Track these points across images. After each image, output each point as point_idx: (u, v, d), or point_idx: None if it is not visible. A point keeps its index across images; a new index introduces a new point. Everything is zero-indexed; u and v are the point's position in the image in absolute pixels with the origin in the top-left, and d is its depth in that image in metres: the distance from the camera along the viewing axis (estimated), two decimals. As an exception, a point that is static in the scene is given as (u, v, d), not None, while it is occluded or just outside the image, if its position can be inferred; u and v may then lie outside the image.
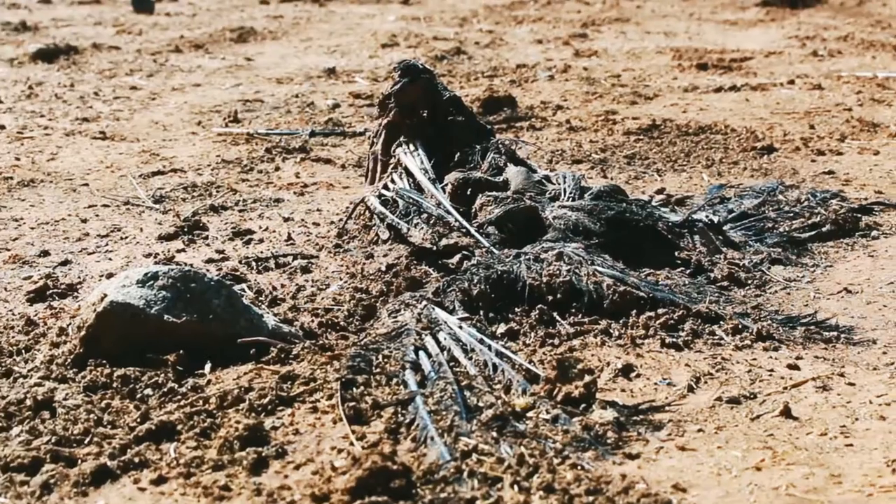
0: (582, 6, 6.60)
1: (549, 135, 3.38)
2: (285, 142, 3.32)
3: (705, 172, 2.94)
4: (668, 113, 3.64)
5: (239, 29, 5.48)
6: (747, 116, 3.58)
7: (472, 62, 4.61)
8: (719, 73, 4.33)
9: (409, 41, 5.13)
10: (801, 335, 1.84)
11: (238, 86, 4.24)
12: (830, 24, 5.64)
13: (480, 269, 2.00)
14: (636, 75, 4.31)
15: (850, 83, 4.08)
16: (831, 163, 3.01)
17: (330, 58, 4.78)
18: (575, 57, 4.73)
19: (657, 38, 5.26)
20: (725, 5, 6.58)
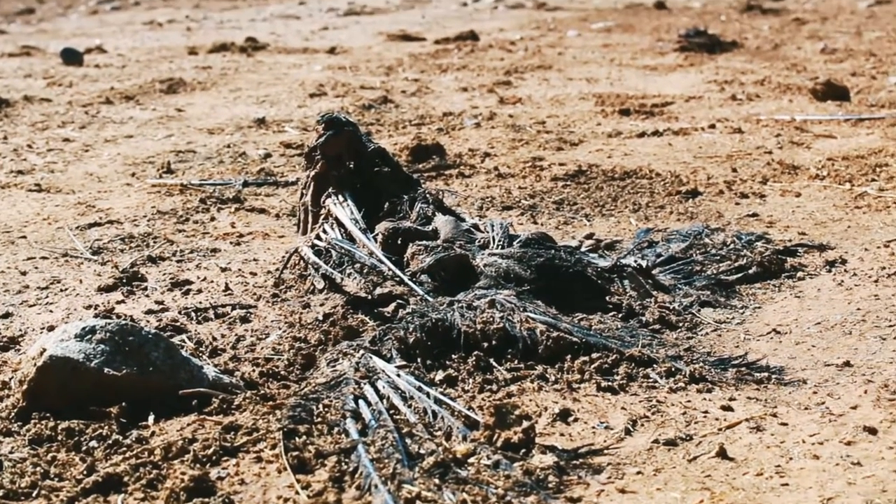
0: (505, 54, 6.68)
1: (478, 182, 3.42)
2: (219, 192, 3.34)
3: (633, 217, 2.99)
4: (593, 158, 3.69)
5: (168, 80, 5.48)
6: (671, 161, 3.65)
7: (400, 111, 4.65)
8: (642, 119, 4.41)
9: (336, 90, 5.17)
10: (734, 376, 1.88)
11: (170, 136, 4.25)
12: (747, 69, 5.75)
13: (415, 317, 2.03)
14: (561, 121, 4.37)
15: (769, 126, 4.17)
16: (755, 205, 3.08)
17: (259, 108, 4.81)
18: (500, 104, 4.79)
19: (580, 85, 5.34)
20: (645, 51, 6.69)
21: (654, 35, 7.71)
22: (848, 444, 1.61)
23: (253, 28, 9.41)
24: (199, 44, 7.58)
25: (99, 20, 11.15)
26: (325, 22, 9.91)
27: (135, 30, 9.56)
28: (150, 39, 8.34)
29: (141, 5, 13.77)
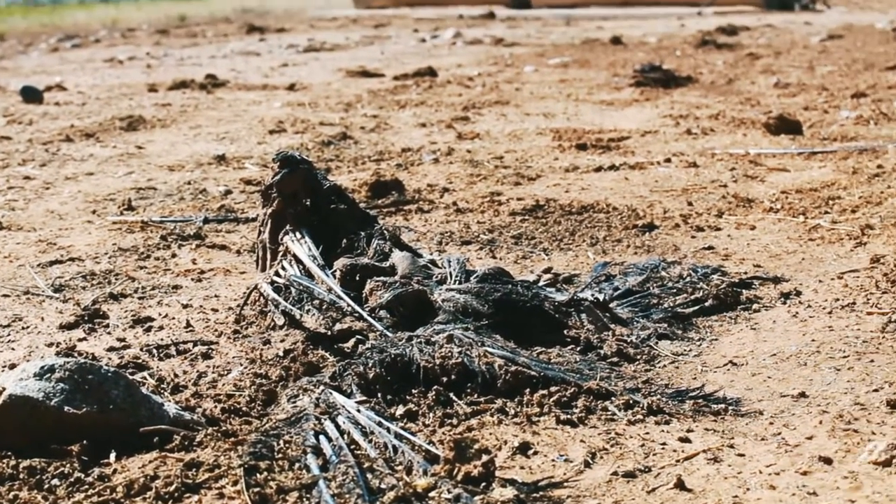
0: (463, 89, 6.72)
1: (437, 217, 3.44)
2: (180, 229, 3.35)
3: (590, 251, 3.02)
4: (551, 193, 3.73)
5: (128, 117, 5.49)
6: (628, 195, 3.68)
7: (359, 147, 4.67)
8: (598, 153, 4.45)
9: (295, 127, 5.19)
10: (691, 408, 1.90)
11: (130, 174, 4.25)
12: (702, 103, 5.82)
13: (375, 352, 2.05)
14: (518, 156, 4.40)
15: (724, 160, 4.22)
16: (710, 238, 3.12)
17: (220, 144, 4.82)
18: (458, 139, 4.83)
19: (537, 120, 5.39)
20: (601, 86, 6.75)
21: (611, 70, 7.78)
22: (804, 474, 1.64)
23: (213, 65, 9.44)
24: (160, 81, 7.59)
25: (59, 58, 11.15)
26: (285, 59, 9.94)
27: (95, 67, 9.57)
28: (111, 77, 8.35)
29: (101, 43, 13.77)
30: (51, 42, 13.75)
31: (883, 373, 2.03)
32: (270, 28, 15.81)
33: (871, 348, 2.16)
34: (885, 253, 2.82)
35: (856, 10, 16.95)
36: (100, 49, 12.57)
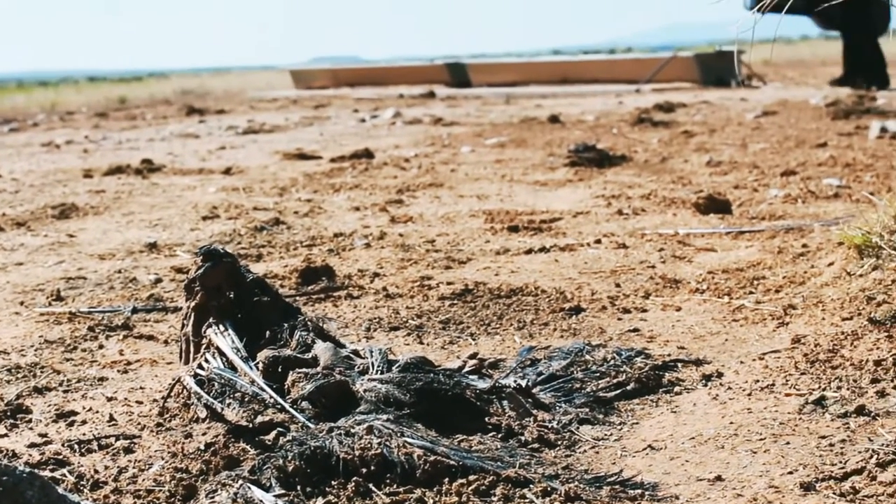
0: (399, 171, 6.77)
1: (366, 303, 3.46)
2: (108, 319, 3.34)
3: (517, 335, 3.04)
4: (481, 276, 3.75)
5: (61, 205, 5.48)
6: (557, 277, 3.72)
7: (291, 232, 4.69)
8: (530, 235, 4.49)
9: (229, 212, 5.20)
10: (608, 494, 1.92)
11: (61, 263, 4.25)
12: (635, 182, 5.88)
13: (295, 445, 2.05)
14: (450, 240, 4.44)
15: (653, 240, 4.27)
16: (636, 320, 3.15)
17: (152, 231, 4.83)
18: (391, 223, 4.86)
19: (470, 202, 5.43)
20: (536, 166, 6.81)
21: (547, 150, 7.86)
22: (715, 559, 1.66)
23: (151, 148, 9.45)
24: (96, 166, 7.59)
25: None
26: (223, 141, 9.97)
27: (32, 152, 9.55)
28: (47, 162, 8.33)
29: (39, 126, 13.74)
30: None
31: (798, 455, 2.05)
32: (210, 110, 15.85)
33: (787, 430, 2.19)
34: (805, 333, 2.86)
35: (791, 86, 17.21)
36: (38, 133, 12.55)
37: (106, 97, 21.92)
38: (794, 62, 29.16)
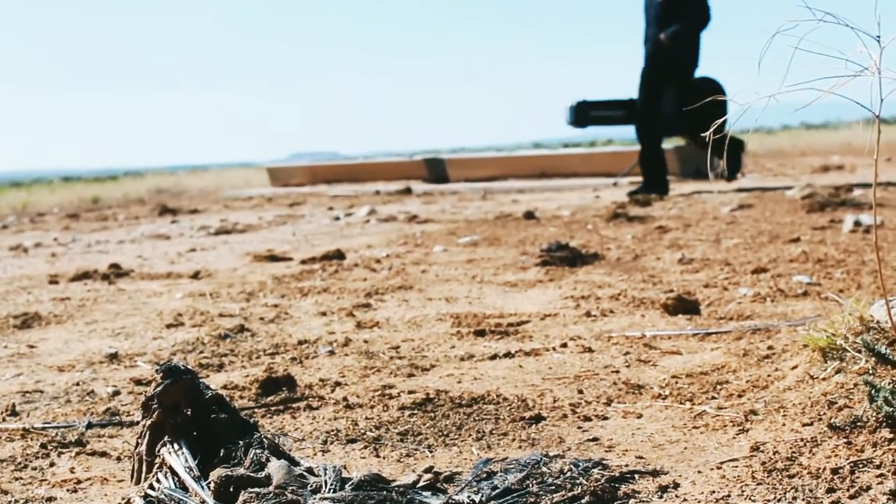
0: (369, 273, 6.74)
1: (325, 414, 3.41)
2: (62, 435, 3.28)
3: (475, 446, 2.99)
4: (443, 384, 3.71)
5: (24, 314, 5.43)
6: (520, 384, 3.68)
7: (256, 339, 4.65)
8: (496, 339, 4.45)
9: (194, 320, 5.16)
10: None
11: (18, 375, 4.19)
12: (605, 282, 5.86)
13: (237, 572, 2.00)
14: (415, 345, 4.40)
15: (619, 343, 4.24)
16: (597, 429, 3.11)
17: (114, 341, 4.78)
18: (357, 329, 4.82)
19: (439, 305, 5.40)
20: (508, 266, 6.80)
21: (520, 248, 7.85)
22: None
23: (120, 251, 9.42)
24: (63, 271, 7.56)
25: (-35, 247, 11.08)
26: (195, 242, 9.96)
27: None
28: (13, 267, 8.30)
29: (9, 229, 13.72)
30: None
31: (752, 575, 2.01)
32: (183, 209, 15.86)
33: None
34: (765, 440, 2.82)
35: (769, 178, 17.33)
36: (6, 236, 12.53)
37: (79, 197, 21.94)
38: (775, 152, 29.44)
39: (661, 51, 13.14)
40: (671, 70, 13.26)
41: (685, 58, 13.28)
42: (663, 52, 13.13)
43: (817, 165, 20.11)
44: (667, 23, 13.06)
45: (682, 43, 13.10)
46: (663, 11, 13.09)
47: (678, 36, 13.03)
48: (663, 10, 13.09)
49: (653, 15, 13.26)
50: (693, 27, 13.13)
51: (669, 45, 13.03)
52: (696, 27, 13.17)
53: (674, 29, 13.01)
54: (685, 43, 13.13)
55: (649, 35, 13.35)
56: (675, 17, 13.04)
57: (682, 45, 13.13)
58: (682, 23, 13.02)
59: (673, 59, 13.18)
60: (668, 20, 13.06)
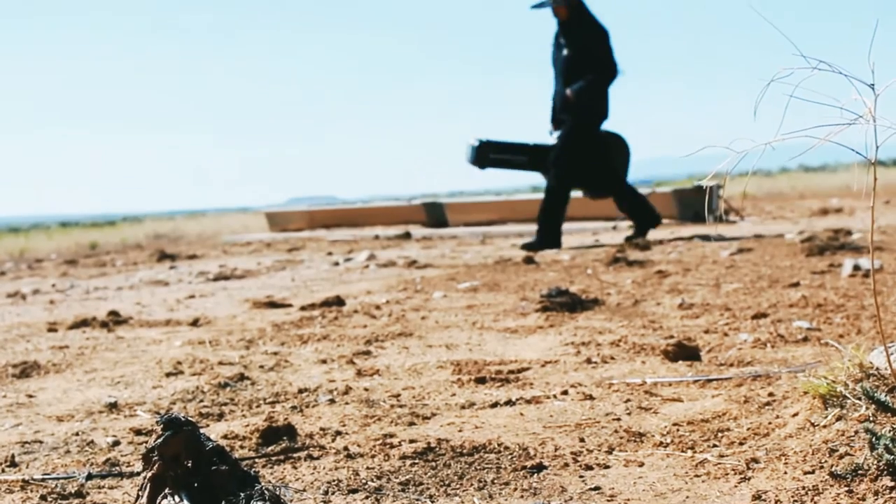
0: (368, 320, 6.74)
1: (326, 464, 3.40)
2: (62, 486, 3.26)
3: (477, 496, 2.98)
4: (444, 433, 3.70)
5: (23, 363, 5.42)
6: (521, 432, 3.67)
7: (256, 388, 4.64)
8: (497, 386, 4.44)
9: (193, 368, 5.15)
10: None
11: (17, 426, 4.18)
12: (606, 328, 5.86)
13: None
14: (416, 393, 4.39)
15: (620, 391, 4.23)
16: (598, 478, 3.09)
17: (113, 390, 4.76)
18: (357, 377, 4.81)
19: (439, 352, 5.39)
20: (508, 312, 6.79)
21: (520, 293, 7.85)
22: None
23: (119, 298, 9.42)
24: (61, 319, 7.55)
25: (-37, 294, 11.08)
26: (193, 289, 9.96)
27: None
28: (11, 315, 8.29)
29: (7, 275, 13.74)
30: (-44, 276, 13.69)
31: None
32: (182, 255, 15.88)
33: None
34: (766, 489, 2.82)
35: (768, 221, 17.38)
36: (4, 282, 12.53)
37: (77, 243, 21.96)
38: (774, 195, 29.52)
39: (569, 106, 13.00)
40: (579, 124, 13.06)
41: (592, 112, 13.10)
42: (570, 107, 12.99)
43: (816, 208, 20.17)
44: (573, 77, 12.94)
45: (589, 97, 12.94)
46: (569, 66, 12.97)
47: (584, 91, 12.88)
48: (569, 64, 12.97)
49: (560, 69, 13.12)
50: (599, 82, 12.97)
51: (576, 100, 12.88)
52: (603, 81, 13.00)
53: (580, 84, 12.86)
54: (592, 97, 12.97)
55: (557, 90, 13.21)
56: (581, 72, 12.91)
57: (589, 100, 12.96)
58: (588, 77, 12.88)
59: (580, 113, 13.01)
60: (575, 75, 12.93)
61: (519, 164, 13.82)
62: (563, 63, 13.01)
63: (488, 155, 13.79)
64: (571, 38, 12.97)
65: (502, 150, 13.85)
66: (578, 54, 12.94)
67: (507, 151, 13.84)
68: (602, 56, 12.95)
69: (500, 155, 13.82)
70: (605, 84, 13.01)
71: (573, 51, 12.96)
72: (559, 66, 13.12)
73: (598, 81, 12.93)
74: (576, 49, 12.95)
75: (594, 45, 12.94)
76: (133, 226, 29.40)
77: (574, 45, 12.96)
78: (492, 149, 13.82)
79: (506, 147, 13.85)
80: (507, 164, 13.84)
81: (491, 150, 13.82)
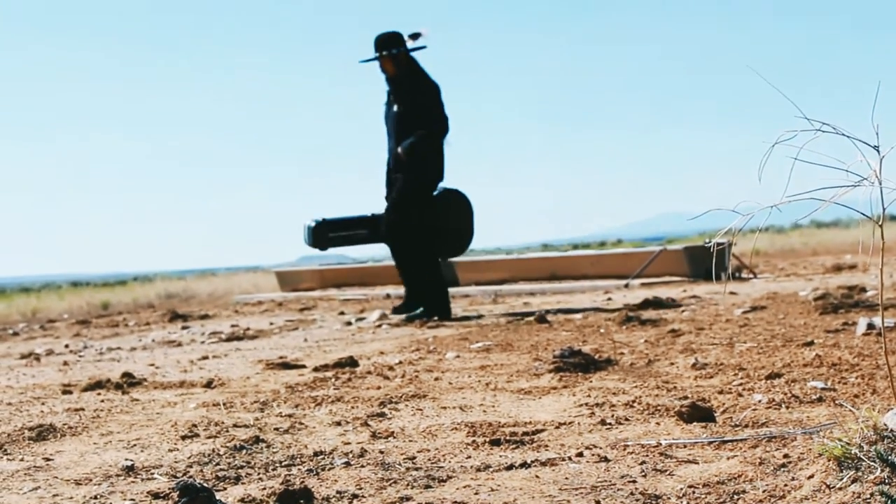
0: (382, 381, 6.74)
1: (343, 528, 3.40)
2: (78, 551, 3.28)
3: (495, 561, 2.99)
4: (460, 496, 3.70)
5: (38, 426, 5.42)
6: (536, 495, 3.67)
7: (271, 450, 4.64)
8: (512, 448, 4.44)
9: (208, 431, 5.15)
10: None
11: (36, 489, 4.18)
12: (619, 388, 5.86)
13: None
14: (431, 456, 4.39)
15: (635, 452, 4.23)
16: (616, 543, 3.10)
17: (130, 452, 4.77)
18: (372, 439, 4.81)
19: (453, 414, 5.39)
20: (521, 372, 6.80)
21: (533, 353, 7.86)
22: None
23: (133, 358, 9.44)
24: (75, 381, 7.57)
25: (-25, 354, 11.12)
26: (206, 350, 9.98)
27: (10, 365, 9.54)
28: (26, 377, 8.31)
29: (19, 336, 13.77)
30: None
31: None
32: (194, 315, 15.91)
33: None
34: (784, 555, 2.82)
35: (781, 278, 17.38)
36: (17, 343, 12.56)
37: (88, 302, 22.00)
38: (786, 251, 29.51)
39: (401, 164, 12.43)
40: (411, 183, 12.46)
41: (426, 170, 12.49)
42: (402, 166, 12.42)
43: (829, 265, 20.16)
44: (405, 134, 12.35)
45: (421, 155, 12.35)
46: (400, 122, 12.42)
47: (416, 148, 12.28)
48: (400, 121, 12.42)
49: (391, 127, 12.56)
50: (431, 138, 12.37)
51: (407, 158, 12.29)
52: (435, 138, 12.39)
53: (411, 141, 12.26)
54: (424, 154, 12.38)
55: (390, 147, 12.62)
56: (412, 128, 12.33)
57: (422, 158, 12.38)
58: (418, 133, 12.30)
59: (412, 172, 12.42)
60: (406, 131, 12.35)
61: (361, 238, 13.22)
62: (394, 120, 12.50)
63: (327, 234, 13.08)
64: (402, 94, 12.50)
65: (341, 226, 13.16)
66: (409, 110, 12.42)
67: (346, 227, 13.16)
68: (433, 111, 12.40)
69: (339, 232, 13.12)
70: (438, 139, 12.43)
71: (404, 107, 12.45)
72: (390, 123, 12.59)
73: (430, 137, 12.37)
74: (406, 105, 12.44)
75: (425, 100, 12.44)
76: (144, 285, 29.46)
77: (404, 100, 12.47)
78: (329, 227, 13.11)
79: (344, 223, 13.16)
80: (350, 241, 13.24)
81: (329, 229, 13.11)
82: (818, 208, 2.85)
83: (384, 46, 12.52)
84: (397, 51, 12.52)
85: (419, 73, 12.57)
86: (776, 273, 19.18)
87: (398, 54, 12.52)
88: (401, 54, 12.53)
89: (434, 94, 12.47)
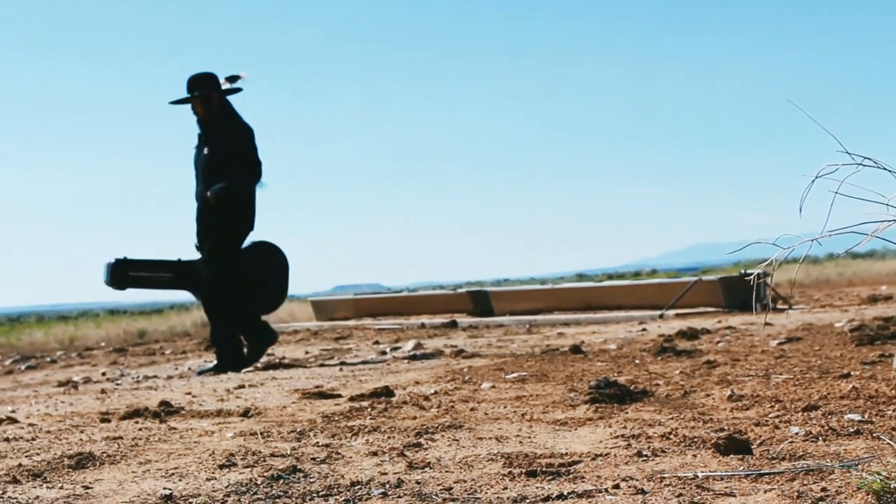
0: (418, 411, 6.76)
1: (380, 559, 3.42)
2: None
3: None
4: (497, 528, 3.72)
5: (78, 454, 5.47)
6: (574, 528, 3.68)
7: (308, 480, 4.66)
8: (548, 480, 4.45)
9: (246, 460, 5.17)
10: None
11: (74, 517, 4.22)
12: (655, 420, 5.85)
13: None
14: (467, 487, 4.40)
15: (672, 485, 4.22)
16: (654, 576, 3.10)
17: (168, 481, 4.80)
18: (409, 469, 4.82)
19: (489, 444, 5.40)
20: (556, 403, 6.80)
21: (568, 384, 7.86)
22: None
23: (169, 387, 9.49)
24: (113, 409, 7.62)
25: (13, 380, 11.23)
26: (242, 378, 10.03)
27: (49, 393, 9.61)
28: (64, 405, 8.37)
29: (57, 364, 13.87)
30: (6, 363, 13.85)
31: None
32: (231, 344, 15.92)
33: None
34: (825, 590, 2.81)
35: (816, 309, 17.31)
36: (55, 370, 12.65)
37: (125, 331, 22.14)
38: (822, 282, 29.40)
39: (210, 210, 11.69)
40: (221, 237, 11.78)
41: (235, 217, 11.71)
42: (212, 212, 11.69)
43: (865, 296, 20.08)
44: (215, 178, 11.58)
45: (231, 200, 11.60)
46: (210, 166, 11.68)
47: (225, 193, 11.51)
48: (209, 164, 11.68)
49: (200, 170, 11.81)
50: (242, 183, 11.64)
51: (216, 204, 11.51)
52: (246, 182, 11.68)
53: (221, 185, 11.49)
54: (234, 201, 11.62)
55: (198, 192, 11.85)
56: (223, 172, 11.58)
57: (232, 204, 11.63)
58: (230, 177, 11.56)
59: (221, 218, 11.68)
60: (216, 176, 11.59)
61: (162, 281, 12.51)
62: (204, 163, 11.75)
63: (127, 273, 12.28)
64: (213, 136, 11.77)
65: (143, 267, 12.42)
66: (220, 154, 11.70)
67: (149, 269, 12.42)
68: (246, 155, 11.71)
69: (139, 273, 12.37)
70: (250, 185, 11.75)
71: (215, 150, 11.72)
72: (200, 167, 11.86)
73: (242, 182, 11.67)
74: (218, 148, 11.72)
75: (237, 143, 11.72)
76: (180, 314, 29.58)
77: (215, 143, 11.74)
78: (130, 267, 12.34)
79: (147, 264, 12.44)
80: (150, 283, 12.51)
81: (130, 269, 12.34)
82: (859, 242, 2.86)
83: (196, 87, 11.81)
84: (210, 92, 11.82)
85: (232, 115, 11.85)
86: (811, 304, 19.11)
87: (211, 95, 11.80)
88: (213, 96, 11.81)
89: (247, 137, 11.81)
